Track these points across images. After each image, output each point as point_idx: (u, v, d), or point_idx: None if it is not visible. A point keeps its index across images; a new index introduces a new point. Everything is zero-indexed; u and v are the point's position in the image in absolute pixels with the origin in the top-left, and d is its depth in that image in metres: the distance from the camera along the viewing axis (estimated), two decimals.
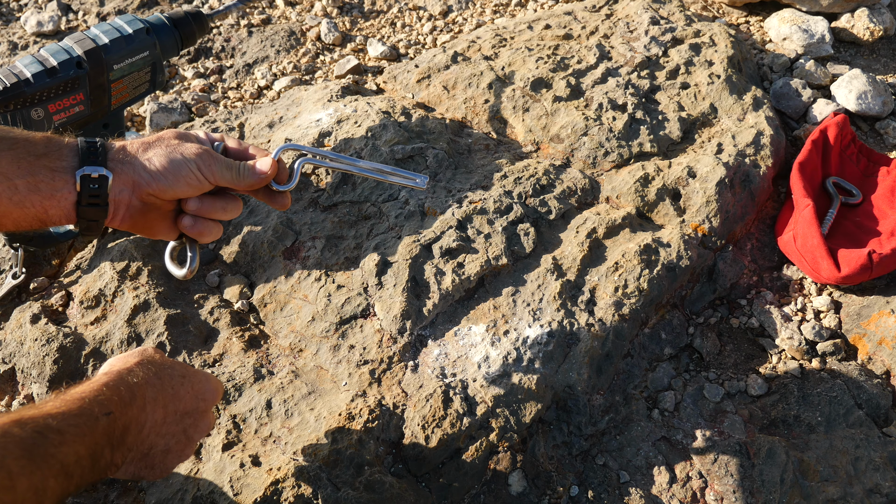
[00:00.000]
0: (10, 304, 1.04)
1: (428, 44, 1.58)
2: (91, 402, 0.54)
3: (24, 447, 0.47)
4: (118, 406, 0.56)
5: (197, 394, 0.66)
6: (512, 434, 0.87)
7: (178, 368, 0.66)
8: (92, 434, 0.52)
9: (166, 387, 0.63)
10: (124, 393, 0.58)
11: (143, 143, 0.66)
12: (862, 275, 1.04)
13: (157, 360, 0.65)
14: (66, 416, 0.51)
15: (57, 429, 0.50)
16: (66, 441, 0.50)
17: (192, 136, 0.69)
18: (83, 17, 1.64)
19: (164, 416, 0.62)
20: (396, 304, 0.96)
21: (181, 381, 0.65)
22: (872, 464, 0.88)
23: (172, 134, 0.68)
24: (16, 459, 0.46)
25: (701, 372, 1.00)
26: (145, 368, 0.63)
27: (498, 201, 1.07)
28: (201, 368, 0.71)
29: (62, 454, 0.49)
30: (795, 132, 1.34)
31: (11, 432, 0.47)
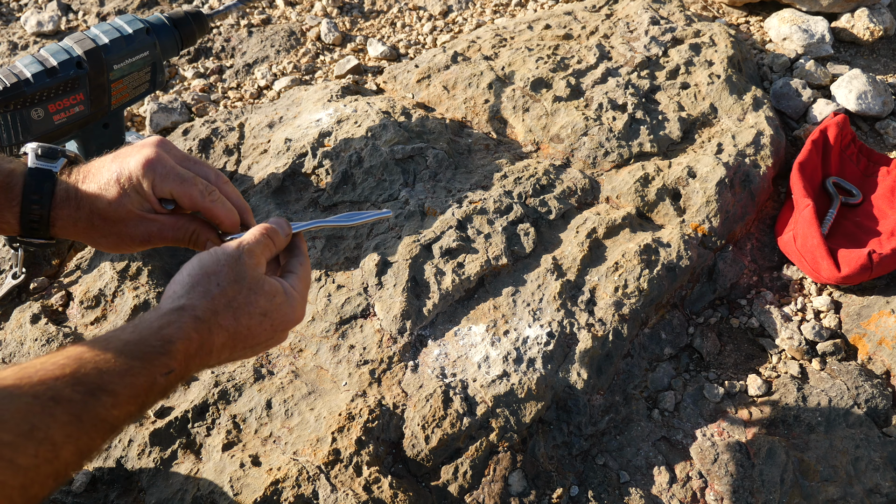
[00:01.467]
0: (10, 304, 1.04)
1: (428, 44, 1.58)
2: (154, 362, 0.50)
3: (74, 412, 0.45)
4: (182, 361, 0.52)
5: (276, 327, 0.60)
6: (512, 434, 0.87)
7: (262, 304, 0.58)
8: (147, 394, 0.50)
9: (241, 329, 0.57)
10: (193, 344, 0.52)
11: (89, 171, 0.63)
12: (862, 275, 1.04)
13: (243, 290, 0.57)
14: (124, 376, 0.48)
15: (112, 391, 0.47)
16: (118, 403, 0.48)
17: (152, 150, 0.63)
18: (83, 17, 1.64)
19: (231, 352, 0.57)
20: (396, 304, 0.96)
21: (260, 320, 0.58)
22: (872, 464, 0.88)
23: (127, 153, 0.63)
24: (62, 427, 0.44)
25: (701, 372, 1.00)
26: (224, 307, 0.55)
27: (498, 201, 1.07)
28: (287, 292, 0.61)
29: (113, 416, 0.47)
30: (795, 132, 1.34)
31: (63, 394, 0.45)
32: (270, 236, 0.62)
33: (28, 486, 0.42)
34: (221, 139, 1.22)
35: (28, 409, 0.44)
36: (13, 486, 0.41)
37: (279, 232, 0.63)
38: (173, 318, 0.53)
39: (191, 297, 0.55)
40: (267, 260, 0.62)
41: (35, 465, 0.43)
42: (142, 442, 0.86)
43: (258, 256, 0.60)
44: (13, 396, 0.44)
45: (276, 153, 1.16)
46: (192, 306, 0.54)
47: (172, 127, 1.36)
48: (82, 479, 0.85)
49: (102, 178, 0.62)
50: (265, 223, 0.63)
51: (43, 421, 0.44)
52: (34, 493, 0.43)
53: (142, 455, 0.86)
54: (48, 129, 0.95)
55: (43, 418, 0.44)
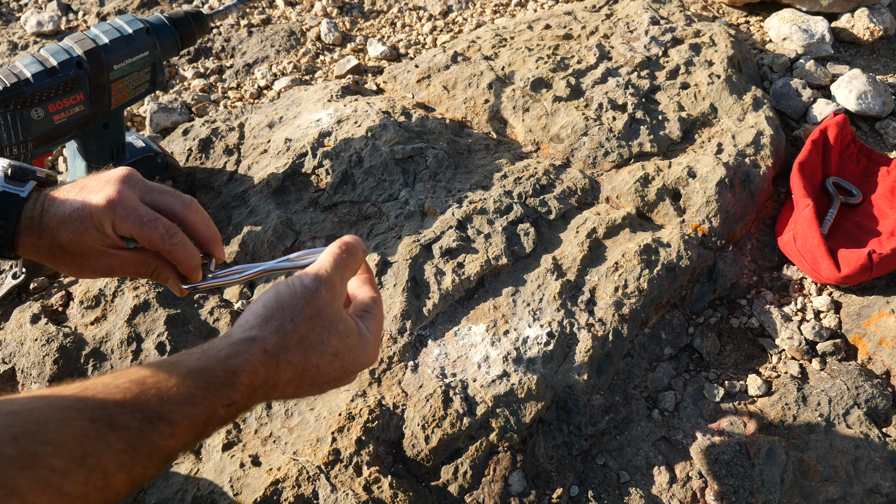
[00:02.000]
0: (10, 304, 1.04)
1: (428, 44, 1.58)
2: (215, 392, 0.48)
3: (130, 440, 0.44)
4: (245, 394, 0.50)
5: (346, 368, 0.57)
6: (512, 434, 0.87)
7: (334, 344, 0.56)
8: (206, 425, 0.48)
9: (310, 367, 0.55)
10: (258, 377, 0.51)
11: (54, 200, 0.62)
12: (862, 275, 1.04)
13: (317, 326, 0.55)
14: (184, 406, 0.47)
15: (170, 420, 0.46)
16: (176, 433, 0.46)
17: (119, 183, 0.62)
18: (83, 17, 1.64)
19: (296, 388, 0.55)
20: (396, 304, 0.96)
21: (331, 360, 0.56)
22: (872, 464, 0.88)
23: (99, 184, 0.62)
24: (116, 455, 0.43)
25: (701, 372, 1.00)
26: (295, 343, 0.54)
27: (498, 201, 1.08)
28: (361, 334, 0.58)
29: (169, 447, 0.46)
30: (795, 132, 1.34)
31: (120, 421, 0.44)
32: (349, 255, 0.59)
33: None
34: (221, 139, 1.22)
35: (83, 433, 0.42)
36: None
37: (358, 249, 0.60)
38: (241, 349, 0.51)
39: (263, 329, 0.53)
40: (346, 284, 0.59)
41: (84, 493, 0.41)
42: None
43: (337, 287, 0.57)
44: (70, 420, 0.43)
45: (276, 153, 1.16)
46: (262, 338, 0.52)
47: (172, 127, 1.36)
48: None
49: (66, 211, 0.61)
50: (342, 241, 0.60)
51: (96, 448, 0.42)
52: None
53: None
54: (48, 129, 0.95)
55: (97, 445, 0.43)
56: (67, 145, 1.08)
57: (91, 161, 1.05)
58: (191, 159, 1.20)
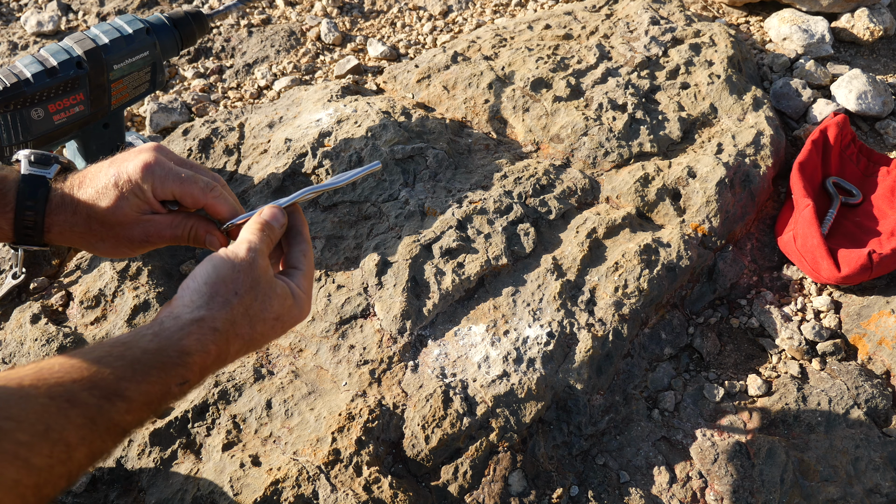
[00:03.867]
0: (10, 304, 1.04)
1: (428, 44, 1.58)
2: (169, 372, 0.51)
3: (89, 416, 0.46)
4: (198, 373, 0.52)
5: (284, 328, 0.60)
6: (512, 434, 0.87)
7: (276, 309, 0.58)
8: (161, 401, 0.51)
9: (256, 336, 0.57)
10: (210, 356, 0.53)
11: (85, 176, 0.64)
12: (862, 275, 1.04)
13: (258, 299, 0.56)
14: (140, 384, 0.49)
15: (127, 397, 0.48)
16: (132, 409, 0.48)
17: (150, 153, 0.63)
18: (83, 17, 1.64)
19: (245, 353, 0.58)
20: (396, 304, 0.96)
21: (272, 325, 0.58)
22: (872, 464, 0.88)
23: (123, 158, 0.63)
24: (77, 429, 0.45)
25: (701, 372, 1.00)
26: (242, 315, 0.55)
27: (498, 201, 1.07)
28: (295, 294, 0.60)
29: (126, 422, 0.48)
30: (795, 132, 1.34)
31: (80, 398, 0.46)
32: (267, 232, 0.62)
33: (41, 486, 0.43)
34: (221, 139, 1.22)
35: (44, 409, 0.44)
36: (27, 486, 0.42)
37: (274, 226, 0.62)
38: (193, 331, 0.53)
39: (210, 308, 0.55)
40: (268, 248, 0.62)
41: (49, 465, 0.43)
42: (142, 442, 0.86)
43: (265, 258, 0.60)
44: (30, 397, 0.44)
45: (276, 153, 1.16)
46: (211, 317, 0.54)
47: (172, 127, 1.36)
48: (82, 479, 0.85)
49: (100, 183, 0.63)
50: (261, 217, 0.62)
51: (58, 422, 0.44)
52: (46, 493, 0.43)
53: (142, 455, 0.86)
54: (48, 129, 0.95)
55: (59, 420, 0.44)
56: (67, 145, 1.08)
57: (91, 161, 1.05)
58: (191, 159, 1.20)
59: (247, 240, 0.60)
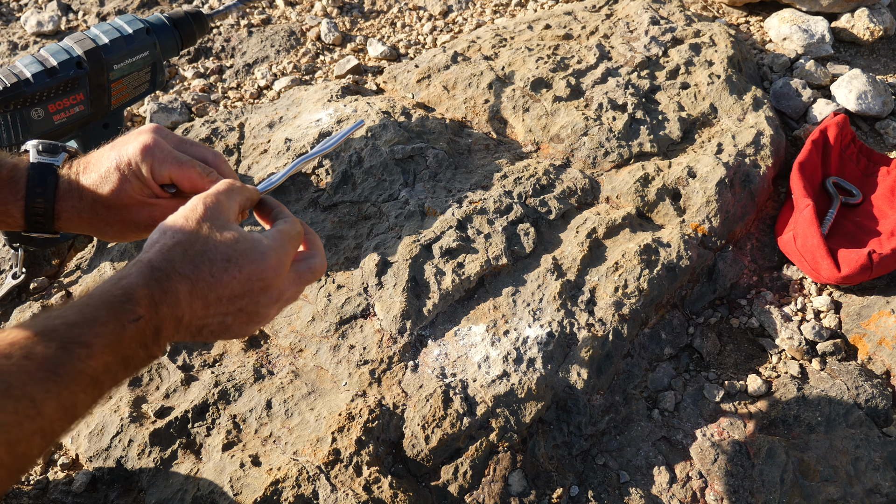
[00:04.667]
0: (10, 304, 1.04)
1: (428, 44, 1.58)
2: (118, 309, 0.50)
3: (49, 367, 0.45)
4: (148, 308, 0.51)
5: (248, 276, 0.57)
6: (512, 434, 0.87)
7: (223, 250, 0.56)
8: (120, 342, 0.50)
9: (203, 276, 0.55)
10: (155, 291, 0.52)
11: (88, 162, 0.64)
12: (862, 275, 1.04)
13: (200, 237, 0.56)
14: (93, 326, 0.48)
15: (83, 342, 0.47)
16: (93, 354, 0.48)
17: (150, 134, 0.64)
18: (83, 17, 1.64)
19: (204, 304, 0.56)
20: (396, 304, 0.96)
21: (224, 267, 0.56)
22: (872, 464, 0.88)
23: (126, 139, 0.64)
24: (40, 383, 0.45)
25: (701, 372, 1.00)
26: (181, 254, 0.55)
27: (498, 201, 1.07)
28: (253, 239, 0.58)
29: (91, 368, 0.47)
30: (795, 132, 1.34)
31: (35, 352, 0.45)
32: (236, 184, 0.61)
33: (14, 444, 0.42)
34: (221, 139, 1.22)
35: (1, 368, 0.44)
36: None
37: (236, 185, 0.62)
38: (131, 270, 0.53)
39: (147, 252, 0.55)
40: (239, 207, 0.61)
41: (17, 421, 0.43)
42: (142, 442, 0.86)
43: (222, 203, 0.59)
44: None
45: (276, 153, 1.16)
46: (147, 258, 0.54)
47: (172, 127, 1.36)
48: (82, 480, 0.85)
49: (102, 167, 0.63)
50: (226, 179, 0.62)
51: (18, 378, 0.44)
52: (21, 451, 0.43)
53: (142, 455, 0.86)
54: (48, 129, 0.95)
55: (18, 376, 0.44)
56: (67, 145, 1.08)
57: None
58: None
59: (201, 193, 0.59)
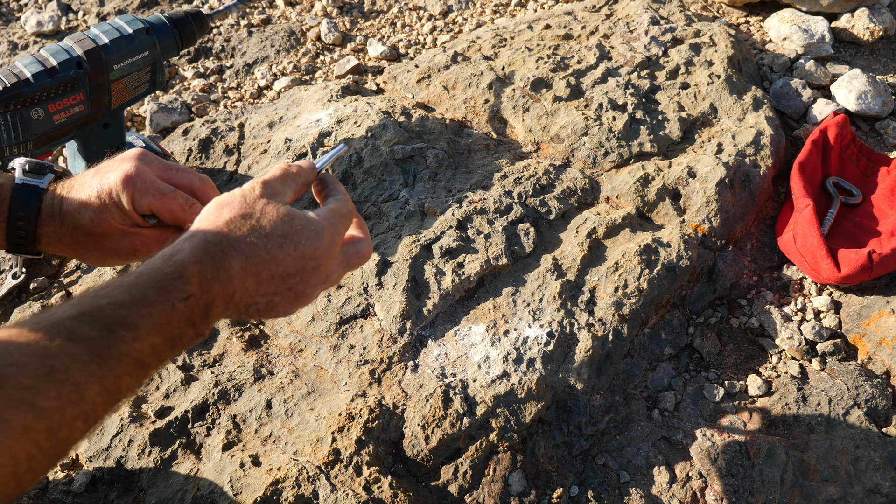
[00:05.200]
0: (10, 304, 1.04)
1: (428, 44, 1.58)
2: (168, 288, 0.48)
3: (94, 350, 0.44)
4: (199, 285, 0.49)
5: (302, 254, 0.56)
6: (512, 434, 0.87)
7: (279, 226, 0.55)
8: (168, 323, 0.48)
9: (259, 252, 0.53)
10: (207, 267, 0.50)
11: (72, 186, 0.63)
12: (862, 275, 1.04)
13: (255, 214, 0.55)
14: (140, 307, 0.46)
15: (130, 324, 0.45)
16: (139, 336, 0.46)
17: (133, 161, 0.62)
18: (83, 17, 1.64)
19: (257, 282, 0.54)
20: (396, 304, 0.96)
21: (280, 243, 0.55)
22: (872, 464, 0.88)
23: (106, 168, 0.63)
24: (83, 366, 0.43)
25: (701, 372, 1.00)
26: (237, 230, 0.53)
27: (498, 201, 1.07)
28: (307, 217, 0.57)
29: (136, 350, 0.46)
30: (795, 132, 1.34)
31: (80, 333, 0.44)
32: (289, 170, 0.60)
33: (55, 430, 0.41)
34: (221, 139, 1.22)
35: (45, 351, 0.42)
36: (38, 430, 0.40)
37: (303, 167, 0.60)
38: (184, 245, 0.51)
39: (201, 226, 0.53)
40: (293, 193, 0.60)
41: (59, 406, 0.41)
42: (142, 442, 0.86)
43: (275, 186, 0.57)
44: (29, 343, 0.43)
45: (276, 153, 1.16)
46: (202, 233, 0.52)
47: (172, 127, 1.36)
48: (82, 480, 0.85)
49: (84, 194, 0.62)
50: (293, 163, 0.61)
51: (62, 362, 0.42)
52: (63, 437, 0.42)
53: (142, 455, 0.86)
54: (48, 129, 0.95)
55: (62, 359, 0.42)
56: (67, 145, 1.08)
57: (91, 161, 1.05)
58: (191, 159, 1.20)
59: (260, 176, 0.58)
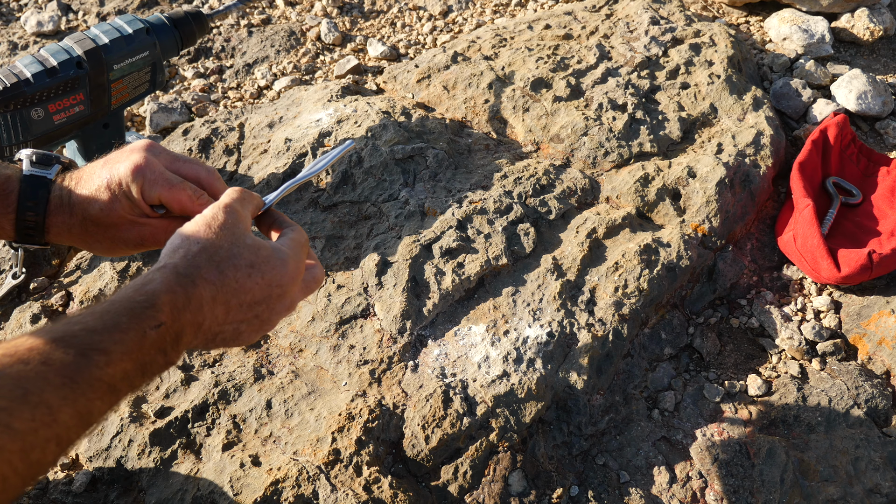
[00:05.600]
0: (10, 304, 1.04)
1: (428, 44, 1.58)
2: (140, 316, 0.49)
3: (67, 374, 0.45)
4: (170, 314, 0.51)
5: (269, 282, 0.58)
6: (512, 434, 0.87)
7: (247, 256, 0.57)
8: (140, 349, 0.49)
9: (229, 281, 0.55)
10: (178, 297, 0.52)
11: (80, 177, 0.64)
12: (862, 275, 1.04)
13: (223, 244, 0.56)
14: (113, 333, 0.47)
15: (102, 349, 0.46)
16: (112, 361, 0.47)
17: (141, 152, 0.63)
18: (83, 17, 1.64)
19: (226, 310, 0.56)
20: (396, 304, 0.96)
21: (248, 273, 0.56)
22: (872, 464, 0.88)
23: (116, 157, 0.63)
24: (57, 389, 0.44)
25: (701, 372, 1.00)
26: (206, 260, 0.55)
27: (498, 201, 1.07)
28: (273, 247, 0.59)
29: (108, 375, 0.47)
30: (795, 132, 1.34)
31: (53, 357, 0.45)
32: (243, 195, 0.61)
33: (28, 451, 0.42)
34: (221, 139, 1.22)
35: (19, 374, 0.43)
36: (12, 451, 0.41)
37: (245, 196, 0.62)
38: (155, 276, 0.52)
39: (172, 258, 0.54)
40: (250, 215, 0.61)
41: (33, 428, 0.42)
42: (142, 442, 0.86)
43: (239, 212, 0.59)
44: (4, 366, 0.44)
45: (276, 153, 1.16)
46: (173, 264, 0.53)
47: (172, 127, 1.36)
48: (82, 480, 0.85)
49: (94, 185, 0.63)
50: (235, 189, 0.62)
51: (36, 385, 0.44)
52: (36, 458, 0.42)
53: (142, 455, 0.86)
54: (48, 129, 0.95)
55: (36, 382, 0.44)
56: (67, 145, 1.08)
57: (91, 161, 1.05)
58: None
59: (217, 201, 0.59)
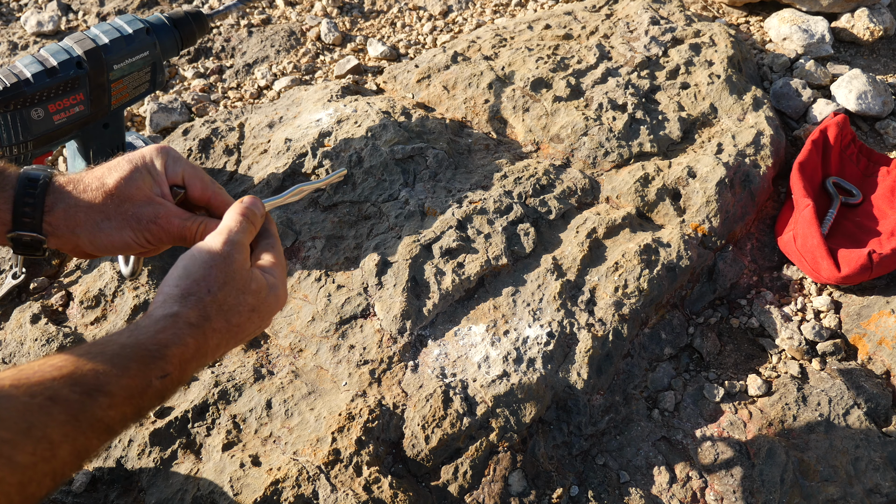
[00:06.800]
0: (10, 304, 1.04)
1: (428, 44, 1.58)
2: (149, 365, 0.50)
3: (71, 412, 0.46)
4: (178, 366, 0.52)
5: (262, 317, 0.60)
6: (512, 434, 0.87)
7: (251, 302, 0.58)
8: (142, 396, 0.50)
9: (233, 327, 0.57)
10: (189, 349, 0.53)
11: (92, 167, 0.63)
12: (862, 275, 1.04)
13: (232, 294, 0.56)
14: (120, 378, 0.49)
15: (108, 392, 0.48)
16: (114, 404, 0.48)
17: (144, 190, 0.63)
18: (83, 17, 1.64)
19: (224, 350, 0.58)
20: (396, 304, 0.96)
21: (249, 316, 0.58)
22: (872, 464, 0.88)
23: (116, 182, 0.62)
24: (60, 426, 0.45)
25: (701, 372, 1.00)
26: (216, 311, 0.55)
27: (498, 201, 1.07)
28: (271, 285, 0.60)
29: (108, 417, 0.48)
30: (795, 132, 1.34)
31: (60, 394, 0.46)
32: (250, 220, 0.61)
33: (26, 484, 0.42)
34: (221, 139, 1.22)
35: (26, 408, 0.44)
36: (11, 484, 0.41)
37: (256, 213, 0.62)
38: (168, 325, 0.53)
39: (183, 305, 0.55)
40: (252, 236, 0.62)
41: (33, 462, 0.43)
42: (142, 442, 0.86)
43: (244, 249, 0.60)
44: (11, 397, 0.44)
45: (276, 153, 1.16)
46: (185, 314, 0.54)
47: (172, 127, 1.36)
48: (82, 480, 0.85)
49: (112, 163, 0.63)
50: (241, 205, 0.62)
51: (40, 420, 0.44)
52: (32, 492, 0.43)
53: (142, 455, 0.86)
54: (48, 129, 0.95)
55: (40, 417, 0.44)
56: (67, 145, 1.08)
57: (91, 161, 1.05)
58: (190, 159, 1.20)
59: (227, 229, 0.59)
